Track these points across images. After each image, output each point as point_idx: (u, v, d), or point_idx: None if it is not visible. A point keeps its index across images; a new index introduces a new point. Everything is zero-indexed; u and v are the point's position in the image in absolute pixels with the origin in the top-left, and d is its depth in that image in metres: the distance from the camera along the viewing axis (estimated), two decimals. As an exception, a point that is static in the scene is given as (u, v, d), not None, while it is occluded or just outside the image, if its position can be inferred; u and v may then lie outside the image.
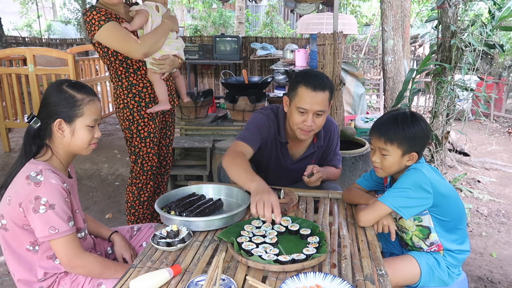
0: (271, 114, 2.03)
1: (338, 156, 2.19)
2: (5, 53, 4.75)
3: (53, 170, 1.42)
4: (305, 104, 1.82)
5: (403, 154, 1.58)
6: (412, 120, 1.57)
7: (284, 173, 2.12)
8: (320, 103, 1.83)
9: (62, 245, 1.38)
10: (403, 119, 1.58)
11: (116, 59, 2.22)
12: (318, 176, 1.92)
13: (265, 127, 1.98)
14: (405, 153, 1.58)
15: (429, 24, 9.24)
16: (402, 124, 1.56)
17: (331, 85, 1.87)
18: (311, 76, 1.84)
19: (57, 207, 1.36)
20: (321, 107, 1.83)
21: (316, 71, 1.93)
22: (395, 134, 1.56)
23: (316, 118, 1.86)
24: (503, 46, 3.32)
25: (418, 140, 1.56)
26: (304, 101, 1.82)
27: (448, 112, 3.72)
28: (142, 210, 2.50)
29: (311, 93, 1.81)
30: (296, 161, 2.10)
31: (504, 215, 3.40)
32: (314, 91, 1.81)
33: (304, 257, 1.29)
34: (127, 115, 2.32)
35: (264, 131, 1.98)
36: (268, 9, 14.01)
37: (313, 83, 1.81)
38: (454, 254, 1.63)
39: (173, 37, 2.35)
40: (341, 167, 2.22)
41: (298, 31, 6.57)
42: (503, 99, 6.88)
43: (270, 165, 2.10)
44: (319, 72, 1.92)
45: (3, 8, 16.95)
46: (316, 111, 1.83)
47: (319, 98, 1.82)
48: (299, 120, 1.86)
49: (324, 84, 1.83)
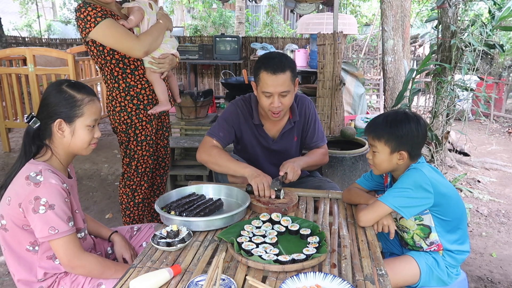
0: (239, 101, 2.14)
1: (320, 133, 2.23)
2: (5, 53, 4.75)
3: (52, 170, 1.42)
4: (268, 88, 1.90)
5: (391, 152, 1.59)
6: (402, 119, 1.59)
7: (271, 155, 2.18)
8: (282, 84, 1.90)
9: (62, 245, 1.38)
10: (393, 117, 1.61)
11: (113, 58, 2.12)
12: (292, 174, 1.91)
13: (232, 115, 2.10)
14: (393, 151, 1.59)
15: (429, 24, 9.24)
16: (390, 122, 1.60)
17: (291, 64, 1.93)
18: (269, 60, 1.91)
19: (57, 208, 1.36)
20: (284, 87, 1.90)
21: (275, 53, 2.00)
22: (382, 131, 1.60)
23: (282, 98, 1.93)
24: (503, 46, 3.32)
25: (405, 139, 1.57)
26: (266, 85, 1.90)
27: (448, 112, 3.72)
28: (137, 212, 2.45)
29: (272, 77, 1.88)
30: (277, 140, 2.15)
31: (504, 215, 3.40)
32: (275, 74, 1.88)
33: (304, 257, 1.29)
34: (124, 119, 2.23)
35: (231, 119, 2.09)
36: (268, 9, 14.01)
37: (272, 67, 1.88)
38: (454, 255, 1.63)
39: (168, 36, 2.31)
40: (325, 145, 2.25)
41: (298, 31, 6.57)
42: (503, 99, 6.88)
43: (256, 150, 2.16)
44: (278, 53, 1.99)
45: (3, 8, 16.95)
46: (280, 92, 1.91)
47: (280, 80, 1.89)
48: (266, 103, 1.95)
49: (283, 65, 1.89)
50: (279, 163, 2.11)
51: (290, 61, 1.95)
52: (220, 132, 2.08)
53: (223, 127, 2.09)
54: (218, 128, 2.09)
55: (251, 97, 2.15)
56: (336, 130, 3.87)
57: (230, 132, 2.10)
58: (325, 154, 2.24)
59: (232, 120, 2.10)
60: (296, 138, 2.18)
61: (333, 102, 3.80)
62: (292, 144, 2.17)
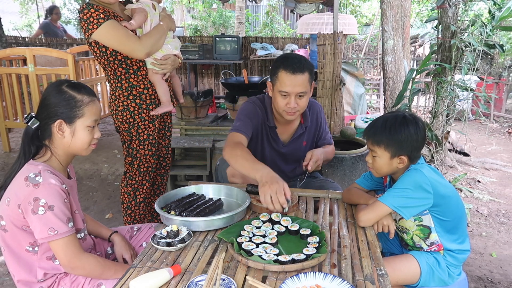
0: (257, 101, 2.12)
1: (328, 134, 2.29)
2: (5, 53, 4.74)
3: (52, 171, 1.42)
4: (286, 87, 1.90)
5: (392, 156, 1.59)
6: (401, 123, 1.58)
7: (278, 158, 2.17)
8: (301, 84, 1.90)
9: (62, 246, 1.38)
10: (392, 122, 1.59)
11: (115, 59, 2.14)
12: (317, 164, 1.99)
13: (254, 114, 2.06)
14: (394, 156, 1.59)
15: (429, 24, 9.23)
16: (389, 128, 1.58)
17: (310, 67, 1.94)
18: (289, 60, 1.91)
19: (56, 208, 1.35)
20: (301, 88, 1.90)
21: (294, 54, 2.00)
22: (381, 136, 1.59)
23: (298, 100, 1.93)
24: (503, 46, 3.32)
25: (405, 145, 1.57)
26: (285, 84, 1.90)
27: (448, 112, 3.72)
28: (138, 211, 2.46)
29: (290, 76, 1.88)
30: (288, 144, 2.15)
31: (504, 215, 3.40)
32: (294, 74, 1.88)
33: (304, 257, 1.29)
34: (127, 118, 2.25)
35: (254, 118, 2.06)
36: (268, 9, 14.00)
37: (291, 66, 1.88)
38: (454, 254, 1.63)
39: (170, 36, 2.32)
40: (332, 143, 2.30)
41: (298, 31, 6.57)
42: (503, 99, 6.88)
43: (264, 152, 2.15)
44: (297, 55, 1.99)
45: (3, 8, 16.94)
46: (297, 93, 1.91)
47: (299, 80, 1.89)
48: (282, 103, 1.94)
49: (303, 66, 1.89)
50: (282, 164, 2.15)
51: (309, 63, 1.95)
52: (245, 127, 2.01)
53: (247, 123, 2.03)
54: (244, 124, 2.01)
55: (265, 98, 2.13)
56: (336, 130, 3.87)
57: (251, 128, 2.04)
58: (334, 151, 2.29)
59: (253, 118, 2.06)
60: (305, 143, 2.18)
61: (333, 102, 3.80)
62: (300, 148, 2.17)
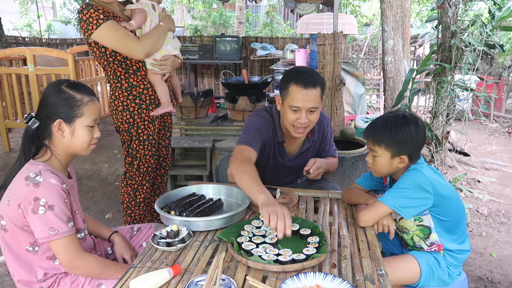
0: (266, 115, 2.03)
1: (333, 146, 2.24)
2: (5, 53, 4.75)
3: (52, 171, 1.42)
4: (298, 102, 1.83)
5: (392, 156, 1.59)
6: (402, 123, 1.58)
7: (282, 171, 2.14)
8: (312, 100, 1.84)
9: (62, 246, 1.38)
10: (393, 122, 1.59)
11: (115, 60, 2.14)
12: (318, 171, 1.97)
13: (264, 128, 1.98)
14: (394, 155, 1.59)
15: (429, 24, 9.23)
16: (390, 127, 1.58)
17: (322, 81, 1.88)
18: (301, 74, 1.85)
19: (56, 208, 1.35)
20: (313, 104, 1.84)
21: (306, 68, 1.94)
22: (382, 136, 1.59)
23: (309, 115, 1.87)
24: (503, 46, 3.32)
25: (406, 144, 1.57)
26: (296, 99, 1.83)
27: (448, 112, 3.72)
28: (138, 211, 2.46)
29: (302, 91, 1.82)
30: (293, 158, 2.12)
31: (504, 215, 3.40)
32: (306, 88, 1.82)
33: (304, 257, 1.29)
34: (126, 118, 2.25)
35: (264, 132, 1.98)
36: (268, 9, 14.01)
37: (303, 81, 1.82)
38: (454, 254, 1.63)
39: (170, 37, 2.32)
40: (337, 156, 2.26)
41: (298, 31, 6.57)
42: (503, 99, 6.88)
43: (268, 165, 2.11)
44: (308, 68, 1.93)
45: (3, 8, 16.95)
46: (309, 108, 1.85)
47: (311, 95, 1.83)
48: (292, 118, 1.87)
49: (315, 81, 1.83)
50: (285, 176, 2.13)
51: (321, 77, 1.90)
52: (255, 140, 1.92)
53: (257, 136, 1.94)
54: (253, 137, 1.93)
55: (272, 112, 2.05)
56: (336, 130, 3.86)
57: (260, 142, 1.95)
58: (337, 163, 2.23)
59: (263, 132, 1.97)
60: (311, 156, 2.14)
61: (333, 102, 3.80)
62: (305, 162, 2.09)
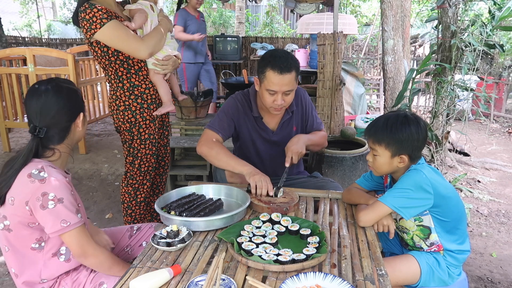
0: (238, 95, 2.17)
1: (318, 119, 2.30)
2: (5, 53, 4.75)
3: (53, 166, 1.44)
4: (274, 86, 1.93)
5: (393, 155, 1.59)
6: (403, 122, 1.58)
7: (271, 147, 2.20)
8: (288, 83, 1.93)
9: (75, 236, 1.40)
10: (394, 121, 1.59)
11: (117, 59, 2.13)
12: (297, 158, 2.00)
13: (232, 108, 2.12)
14: (394, 155, 1.59)
15: (429, 24, 9.24)
16: (390, 127, 1.58)
17: (296, 64, 1.96)
18: (276, 59, 1.92)
19: (66, 200, 1.38)
20: (289, 87, 1.94)
21: (281, 52, 2.00)
22: (382, 135, 1.59)
23: (285, 97, 1.98)
24: (503, 46, 3.32)
25: (406, 144, 1.57)
26: (272, 83, 1.93)
27: (448, 112, 3.72)
28: (139, 211, 2.46)
29: (278, 76, 1.91)
30: (277, 131, 2.18)
31: (504, 215, 3.40)
32: (281, 73, 1.90)
33: (304, 257, 1.29)
34: (128, 117, 2.25)
35: (231, 112, 2.12)
36: (268, 9, 14.02)
37: (279, 66, 1.90)
38: (454, 254, 1.63)
39: (169, 37, 2.33)
40: (323, 128, 2.32)
41: (298, 31, 6.57)
42: (503, 99, 6.88)
43: (256, 144, 2.19)
44: (284, 52, 1.99)
45: (3, 8, 16.95)
46: (284, 91, 1.94)
47: (286, 79, 1.92)
48: (270, 100, 1.98)
49: (290, 66, 1.92)
50: (278, 154, 2.13)
51: (295, 60, 1.98)
52: (220, 125, 2.09)
53: (223, 120, 2.11)
54: (219, 121, 2.10)
55: (249, 91, 2.17)
56: (336, 130, 3.87)
57: (230, 125, 2.12)
58: (325, 137, 2.30)
59: (232, 113, 2.13)
60: (295, 128, 2.21)
61: (333, 102, 3.80)
62: (291, 134, 2.17)
